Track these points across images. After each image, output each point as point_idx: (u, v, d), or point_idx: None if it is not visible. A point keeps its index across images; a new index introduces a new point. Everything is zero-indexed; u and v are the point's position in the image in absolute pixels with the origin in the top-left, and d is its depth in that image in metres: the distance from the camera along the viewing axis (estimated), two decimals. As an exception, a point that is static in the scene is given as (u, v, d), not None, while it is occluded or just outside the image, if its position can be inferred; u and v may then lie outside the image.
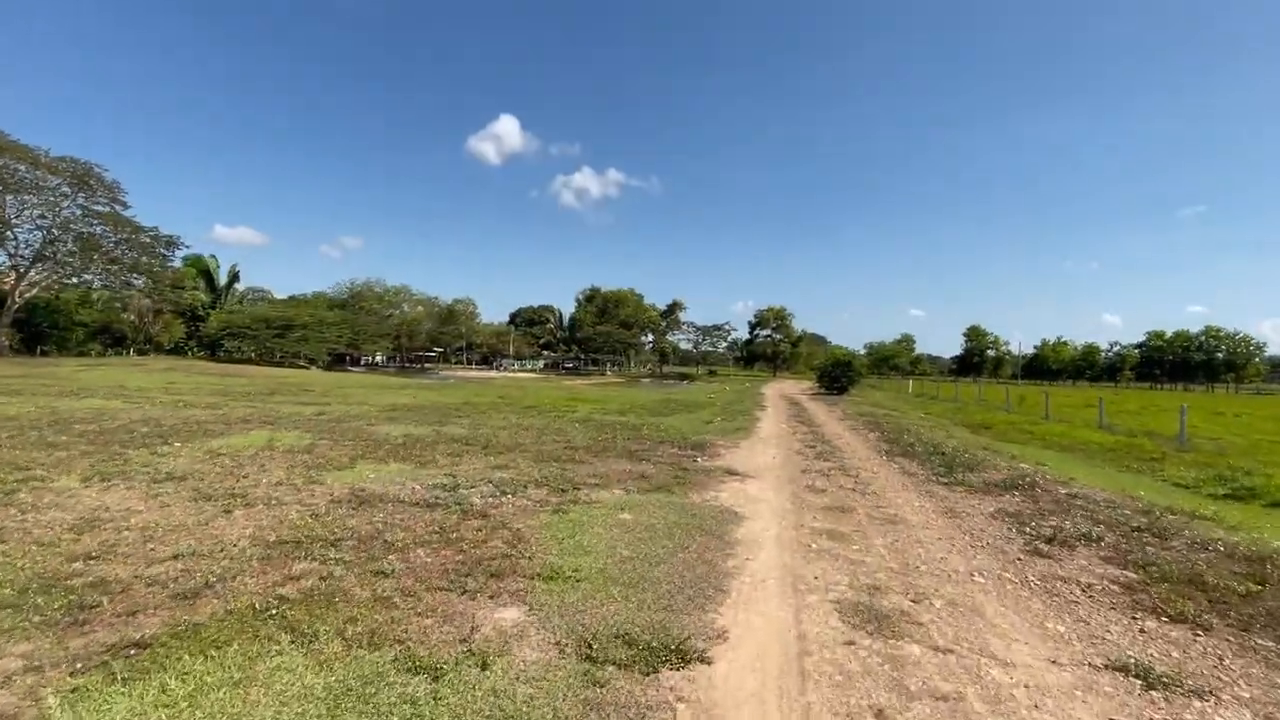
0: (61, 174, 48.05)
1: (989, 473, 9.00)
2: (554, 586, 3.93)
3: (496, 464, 8.06)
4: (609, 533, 5.18)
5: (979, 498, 7.39)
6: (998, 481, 8.30)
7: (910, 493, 7.63)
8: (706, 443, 11.28)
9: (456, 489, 6.44)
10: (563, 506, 5.95)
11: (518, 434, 11.31)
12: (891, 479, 8.51)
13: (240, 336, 58.88)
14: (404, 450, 8.76)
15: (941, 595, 4.15)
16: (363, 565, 4.10)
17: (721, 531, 5.45)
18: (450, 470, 7.52)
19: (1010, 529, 5.92)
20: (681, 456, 9.59)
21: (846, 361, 33.57)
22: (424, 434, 10.69)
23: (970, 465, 9.50)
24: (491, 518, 5.42)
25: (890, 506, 6.79)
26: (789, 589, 4.18)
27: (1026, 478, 8.49)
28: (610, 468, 8.31)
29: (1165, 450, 14.63)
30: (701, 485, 7.47)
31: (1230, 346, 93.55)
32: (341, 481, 6.62)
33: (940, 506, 6.88)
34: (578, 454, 9.26)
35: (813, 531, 5.63)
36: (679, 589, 4.03)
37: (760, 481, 7.97)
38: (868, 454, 10.88)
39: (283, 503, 5.61)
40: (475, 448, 9.33)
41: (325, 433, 10.22)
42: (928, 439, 12.87)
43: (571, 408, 19.57)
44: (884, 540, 5.43)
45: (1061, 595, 4.22)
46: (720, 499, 6.81)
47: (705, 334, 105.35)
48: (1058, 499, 7.37)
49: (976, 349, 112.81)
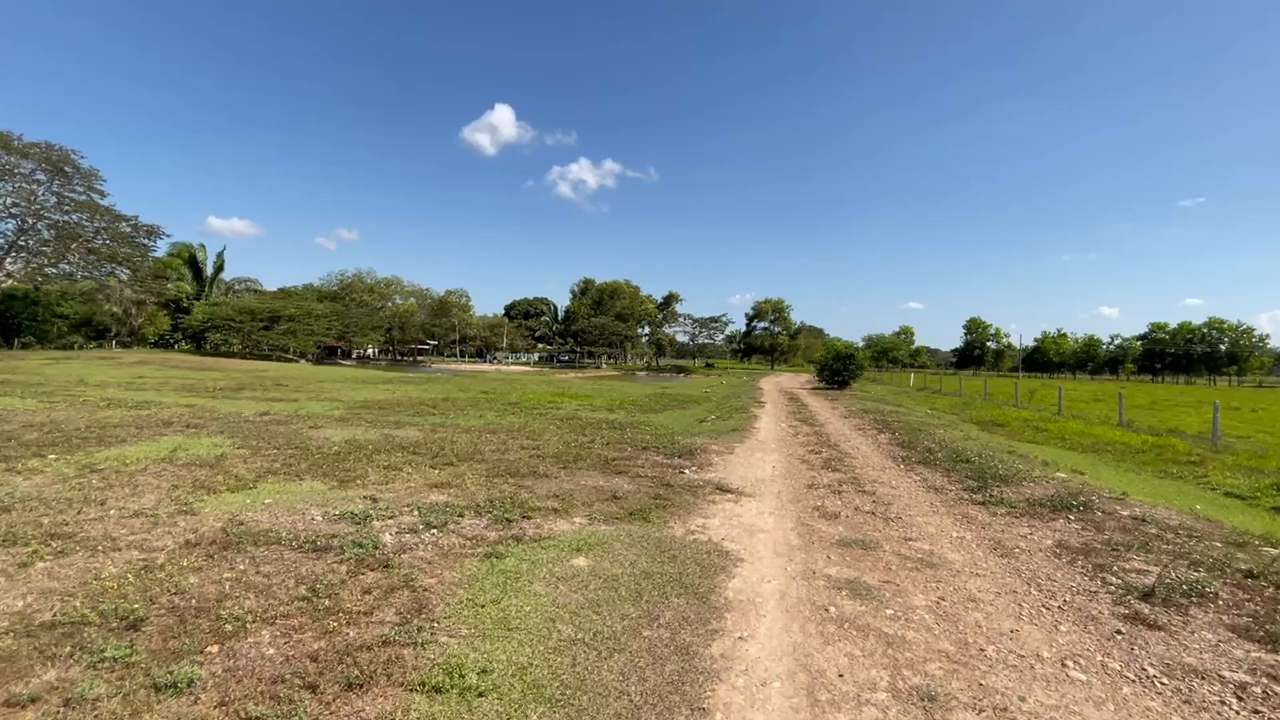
0: (35, 160, 46.21)
1: (1027, 486, 7.62)
2: (441, 710, 2.52)
3: (438, 480, 6.63)
4: (552, 593, 3.76)
5: (1028, 524, 6.00)
6: (1042, 499, 6.91)
7: (942, 516, 6.23)
8: (697, 447, 9.87)
9: (368, 520, 5.01)
10: (500, 547, 4.53)
11: (481, 438, 9.88)
12: (915, 496, 7.11)
13: (224, 329, 57.18)
14: (332, 463, 7.32)
15: (1031, 711, 2.75)
16: (145, 672, 2.66)
17: (707, 587, 4.04)
18: (376, 491, 6.09)
19: (1087, 576, 4.51)
20: (667, 467, 8.18)
21: (848, 355, 32.09)
22: (371, 439, 9.25)
23: (1003, 477, 8.11)
24: (395, 569, 4.00)
25: (922, 539, 5.39)
26: (803, 701, 2.77)
27: (1076, 495, 7.10)
28: (578, 484, 6.89)
29: (1202, 452, 13.33)
30: (687, 508, 6.06)
31: (1234, 339, 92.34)
32: (223, 510, 5.18)
33: (984, 538, 5.49)
34: (544, 464, 7.84)
35: (829, 584, 4.22)
36: (636, 709, 2.62)
37: (758, 501, 6.57)
38: (882, 462, 9.48)
39: (117, 547, 4.17)
40: (423, 457, 7.90)
41: (253, 438, 8.77)
42: (946, 442, 11.48)
43: (556, 404, 18.20)
44: (925, 598, 4.03)
45: (1211, 711, 2.82)
46: (709, 529, 5.40)
47: (702, 326, 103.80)
48: (1123, 524, 5.98)
49: (977, 342, 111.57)
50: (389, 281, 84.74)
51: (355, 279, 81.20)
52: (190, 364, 35.42)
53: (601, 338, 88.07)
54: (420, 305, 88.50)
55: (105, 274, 55.19)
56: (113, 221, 51.66)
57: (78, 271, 53.20)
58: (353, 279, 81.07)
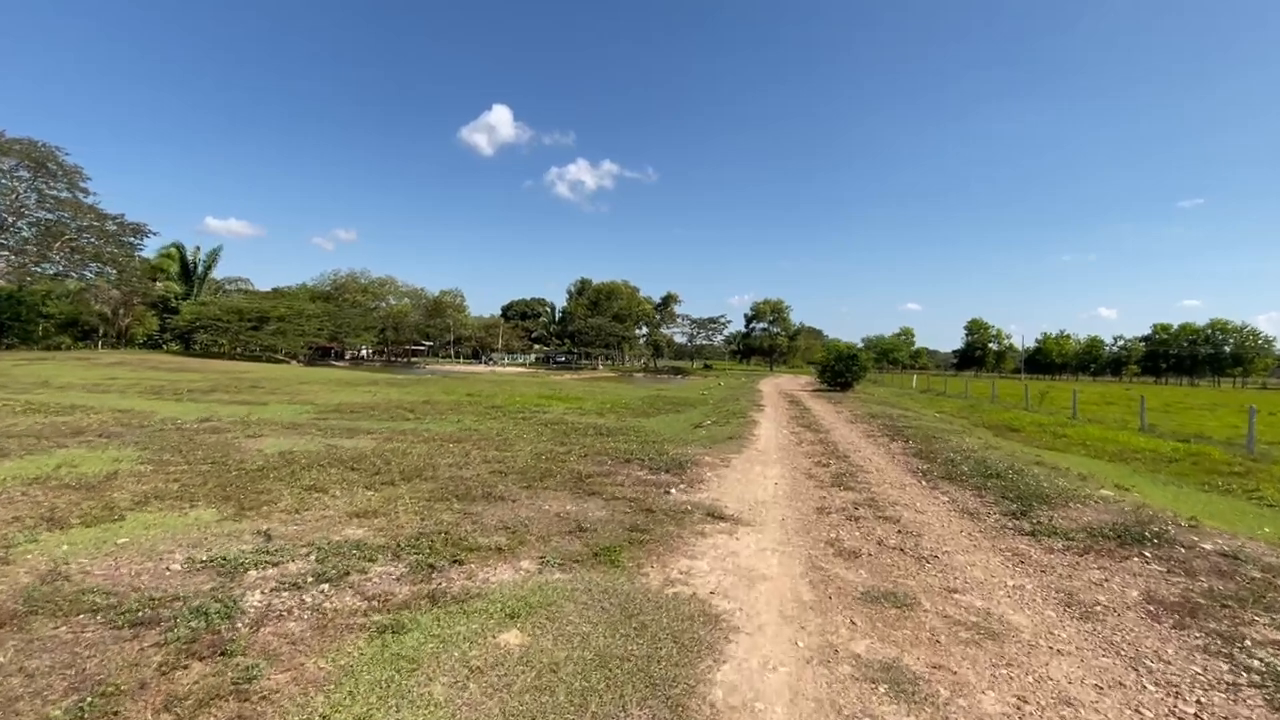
0: (15, 156, 44.93)
1: (1076, 509, 6.39)
2: None
3: (364, 507, 5.38)
4: (454, 701, 2.53)
5: (1097, 564, 4.77)
6: (1101, 528, 5.68)
7: (987, 553, 5.01)
8: (688, 459, 8.64)
9: (239, 571, 3.77)
10: (406, 614, 3.30)
11: (441, 449, 8.64)
12: (948, 524, 5.88)
13: (211, 329, 55.76)
14: (245, 483, 6.08)
15: None
16: None
17: (686, 683, 2.81)
18: (279, 523, 4.85)
19: (1210, 654, 3.28)
20: (650, 485, 6.94)
21: (851, 355, 30.81)
22: (311, 451, 8.01)
23: (1044, 496, 6.87)
24: (235, 657, 2.77)
25: (970, 588, 4.16)
26: None
27: (1141, 522, 5.87)
28: (540, 509, 5.66)
29: (1242, 462, 12.17)
30: (668, 544, 4.83)
31: (1238, 340, 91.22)
32: (51, 554, 3.94)
33: (1048, 587, 4.26)
34: (504, 483, 6.61)
35: (859, 673, 2.99)
36: None
37: (758, 532, 5.34)
38: (900, 476, 8.25)
39: None
40: (361, 475, 6.66)
41: (168, 451, 7.52)
42: (967, 452, 10.26)
43: (543, 407, 17.01)
44: (998, 697, 2.80)
45: None
46: (694, 577, 4.16)
47: (701, 327, 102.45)
48: (1214, 565, 4.75)
49: (978, 343, 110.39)
50: (383, 281, 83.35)
51: (349, 279, 79.79)
52: (170, 365, 34.13)
53: (598, 339, 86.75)
54: (415, 305, 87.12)
55: (91, 273, 53.93)
56: (97, 220, 50.43)
57: (62, 270, 51.94)
58: (346, 279, 79.65)
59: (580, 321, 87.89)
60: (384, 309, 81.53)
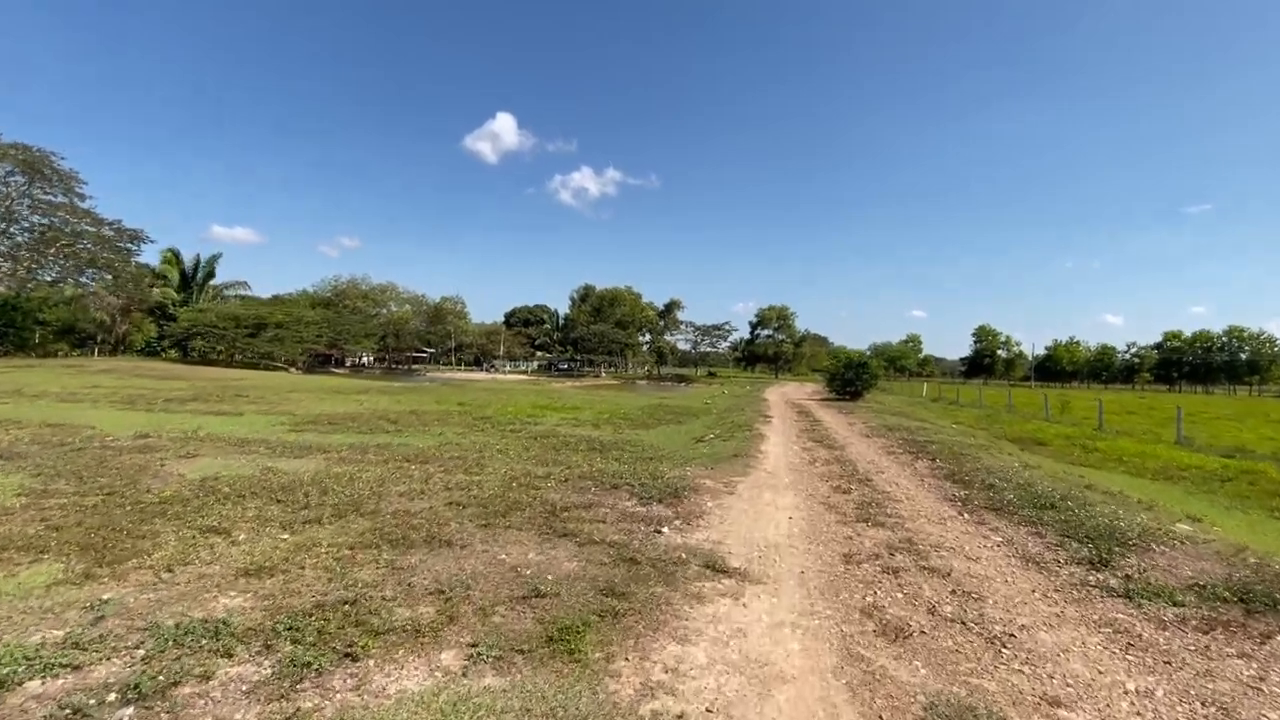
0: (9, 161, 44.35)
1: (1164, 554, 5.12)
2: None
3: (262, 562, 4.16)
4: None
5: (1232, 647, 3.50)
6: (1211, 586, 4.41)
7: (1080, 628, 3.74)
8: (687, 484, 7.40)
9: (7, 684, 2.57)
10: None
11: (398, 471, 7.43)
12: (1012, 579, 4.62)
13: (207, 336, 54.90)
14: (128, 522, 4.87)
15: None
16: None
17: None
18: (133, 588, 3.65)
19: None
20: (638, 521, 5.70)
21: (861, 363, 29.44)
22: (241, 476, 6.81)
23: (1119, 537, 5.59)
24: None
25: (1080, 699, 2.90)
26: None
27: (1265, 581, 4.58)
28: (492, 559, 4.44)
29: (1308, 482, 10.85)
30: (653, 619, 3.59)
31: (1255, 347, 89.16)
32: None
33: (1184, 690, 3.00)
34: (458, 519, 5.39)
35: None
36: None
37: (772, 596, 4.10)
38: (936, 507, 6.98)
39: None
40: (284, 509, 5.45)
41: (62, 476, 6.32)
42: (1004, 473, 8.97)
43: (537, 418, 15.86)
44: None
45: None
46: (685, 682, 2.92)
47: (705, 334, 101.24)
48: (1391, 648, 3.49)
49: (987, 350, 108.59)
50: (383, 288, 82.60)
51: (349, 285, 79.05)
52: (160, 373, 33.11)
53: (601, 346, 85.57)
54: (416, 312, 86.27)
55: (88, 279, 53.32)
56: (93, 225, 49.82)
57: (57, 276, 51.32)
58: (346, 285, 78.92)
59: (583, 328, 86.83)
60: (385, 316, 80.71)
